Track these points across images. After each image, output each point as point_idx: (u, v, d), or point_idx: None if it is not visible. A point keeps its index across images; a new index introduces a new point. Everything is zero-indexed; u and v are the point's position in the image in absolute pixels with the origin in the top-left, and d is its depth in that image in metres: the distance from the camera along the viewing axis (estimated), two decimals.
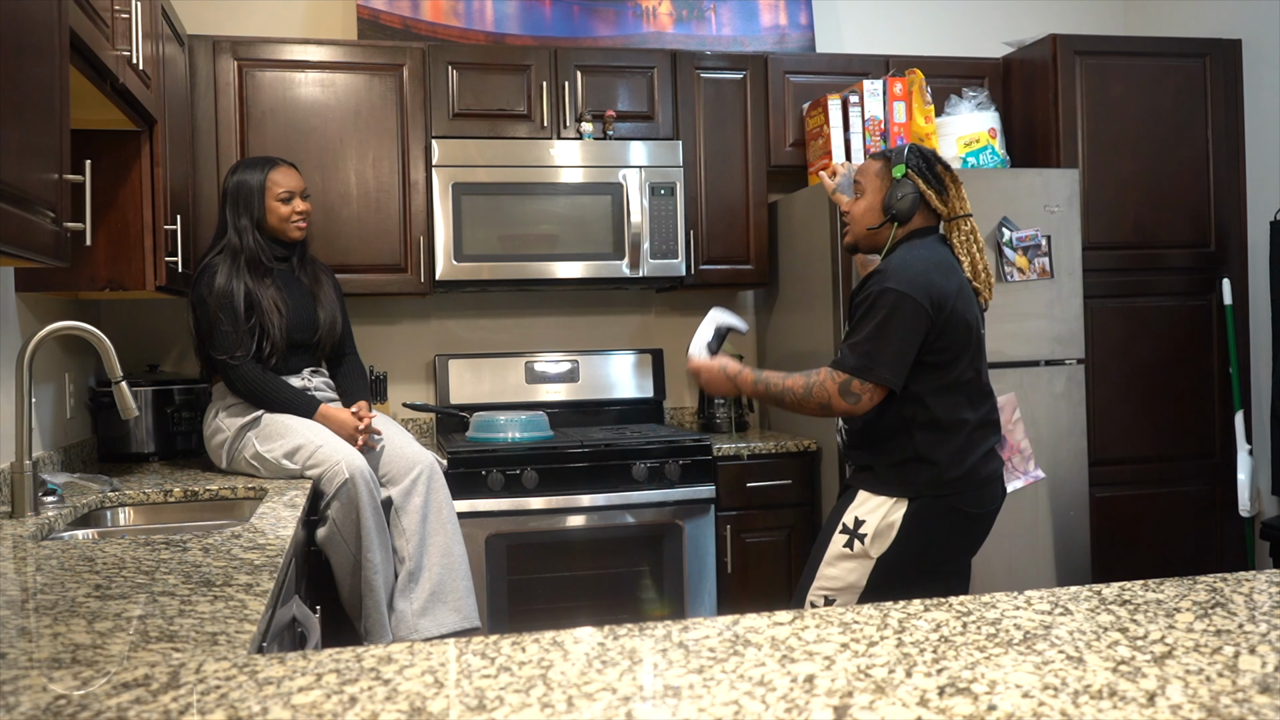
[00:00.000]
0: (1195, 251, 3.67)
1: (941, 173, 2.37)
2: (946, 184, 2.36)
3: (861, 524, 2.27)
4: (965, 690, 0.92)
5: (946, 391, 2.26)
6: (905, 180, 2.34)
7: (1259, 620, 1.12)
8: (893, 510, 2.25)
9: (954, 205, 2.37)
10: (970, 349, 2.29)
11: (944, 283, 2.24)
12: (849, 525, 2.29)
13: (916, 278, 2.22)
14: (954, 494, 2.25)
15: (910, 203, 2.34)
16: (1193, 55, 3.68)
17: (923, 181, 2.34)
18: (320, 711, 0.89)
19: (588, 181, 3.41)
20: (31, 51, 1.58)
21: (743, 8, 3.85)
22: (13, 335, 2.48)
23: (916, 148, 2.39)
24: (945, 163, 2.39)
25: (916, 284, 2.21)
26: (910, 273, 2.23)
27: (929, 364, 2.25)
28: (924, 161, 2.36)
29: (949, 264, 2.31)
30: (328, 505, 2.64)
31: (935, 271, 2.26)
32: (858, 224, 2.43)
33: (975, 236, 2.37)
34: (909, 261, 2.27)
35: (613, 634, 1.11)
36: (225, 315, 2.75)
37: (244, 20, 3.59)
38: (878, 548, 2.25)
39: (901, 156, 2.36)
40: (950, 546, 2.31)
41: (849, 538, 2.28)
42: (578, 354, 3.75)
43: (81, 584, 1.50)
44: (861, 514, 2.28)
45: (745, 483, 3.31)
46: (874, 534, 2.25)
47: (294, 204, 2.90)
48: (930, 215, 2.38)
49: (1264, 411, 3.62)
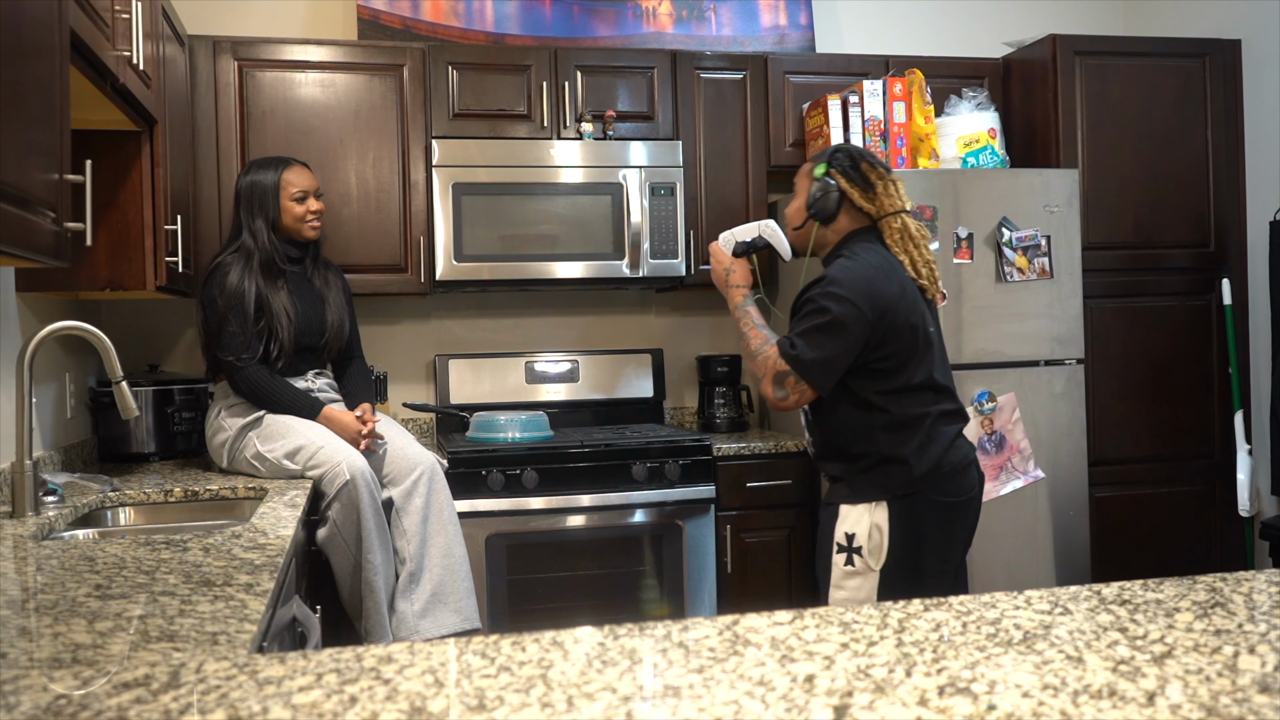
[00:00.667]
0: (1195, 251, 3.67)
1: (867, 170, 2.33)
2: (873, 181, 2.32)
3: (853, 538, 2.26)
4: (965, 690, 0.92)
5: (900, 393, 2.25)
6: (826, 179, 2.32)
7: (1259, 620, 1.12)
8: (875, 515, 2.24)
9: (883, 203, 2.33)
10: (918, 351, 2.26)
11: (884, 288, 2.22)
12: (843, 543, 2.28)
13: (858, 283, 2.21)
14: (929, 487, 2.25)
15: (831, 202, 2.31)
16: (1192, 55, 3.68)
17: (845, 180, 2.31)
18: (320, 711, 0.89)
19: (588, 181, 3.41)
20: (31, 51, 1.58)
21: (743, 8, 3.85)
22: (13, 335, 2.48)
23: (845, 147, 2.37)
24: (874, 160, 2.35)
25: (858, 290, 2.19)
26: (853, 279, 2.22)
27: (878, 370, 2.24)
28: (849, 160, 2.33)
29: (890, 268, 2.27)
30: (328, 506, 2.64)
31: (878, 277, 2.23)
32: (787, 225, 2.43)
33: (908, 233, 2.32)
34: (852, 268, 2.25)
35: (613, 634, 1.11)
36: (234, 316, 2.75)
37: (244, 20, 3.59)
38: (876, 559, 2.24)
39: (824, 156, 2.35)
40: (943, 541, 2.30)
41: (847, 555, 2.27)
42: (578, 354, 3.75)
43: (82, 584, 1.50)
44: (849, 528, 2.27)
45: (745, 482, 3.31)
46: (868, 545, 2.24)
47: (308, 203, 2.91)
48: (860, 215, 2.34)
49: (1264, 411, 3.62)
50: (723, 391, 3.76)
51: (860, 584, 2.26)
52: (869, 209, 2.33)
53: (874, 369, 2.24)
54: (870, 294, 2.20)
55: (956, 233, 3.23)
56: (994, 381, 3.24)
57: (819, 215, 2.34)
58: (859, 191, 2.32)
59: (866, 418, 2.26)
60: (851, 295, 2.19)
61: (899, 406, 2.25)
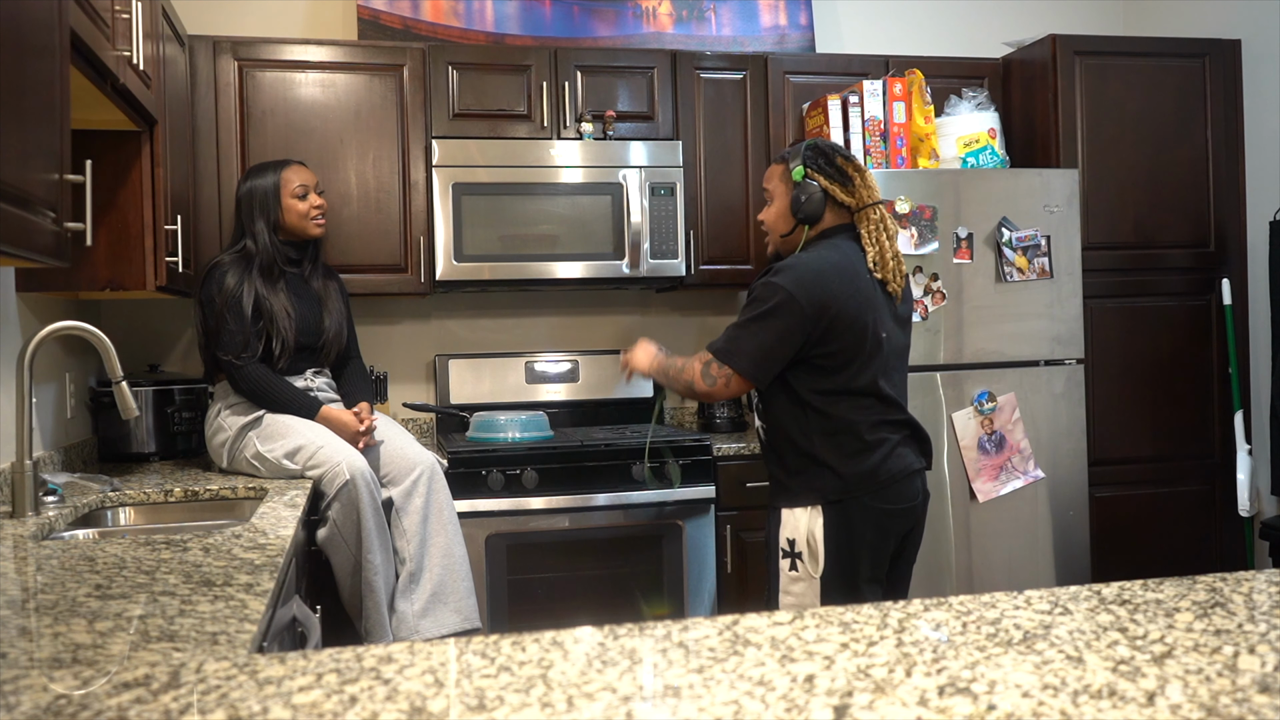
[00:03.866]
0: (1195, 251, 3.67)
1: (843, 164, 2.32)
2: (850, 174, 2.31)
3: (794, 543, 2.25)
4: (965, 690, 0.92)
5: (837, 395, 2.23)
6: (807, 181, 2.30)
7: (1258, 620, 1.12)
8: (812, 520, 2.23)
9: (861, 195, 2.31)
10: (864, 353, 2.23)
11: (834, 286, 2.20)
12: (785, 548, 2.27)
13: (803, 277, 2.20)
14: (864, 493, 2.22)
15: (817, 203, 2.30)
16: (1192, 55, 3.68)
17: (824, 178, 2.30)
18: (320, 711, 0.89)
19: (588, 181, 3.41)
20: (32, 51, 1.58)
21: (743, 8, 3.85)
22: (13, 335, 2.48)
23: (814, 143, 2.35)
24: (846, 153, 2.35)
25: (801, 284, 2.18)
26: (798, 272, 2.21)
27: (817, 366, 2.22)
28: (823, 157, 2.32)
29: (848, 264, 2.25)
30: (328, 506, 2.64)
31: (830, 273, 2.21)
32: (773, 231, 2.41)
33: (884, 224, 2.31)
34: (803, 260, 2.24)
35: (613, 634, 1.11)
36: (232, 316, 2.75)
37: (244, 20, 3.59)
38: (815, 566, 2.22)
39: (799, 156, 2.32)
40: (883, 548, 2.27)
41: (791, 560, 2.26)
42: (578, 354, 3.75)
43: (82, 584, 1.50)
44: (789, 533, 2.26)
45: (745, 482, 3.31)
46: (807, 551, 2.22)
47: (310, 199, 2.91)
48: (841, 210, 2.33)
49: (1264, 411, 3.62)
50: None
51: (804, 589, 2.25)
52: (849, 203, 2.32)
53: (815, 364, 2.22)
54: (812, 287, 2.18)
55: (956, 233, 3.23)
56: (994, 381, 3.24)
57: (808, 219, 2.32)
58: (839, 187, 2.31)
59: (803, 418, 2.24)
60: (790, 286, 2.18)
61: (836, 409, 2.22)
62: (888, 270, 2.29)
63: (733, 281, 3.65)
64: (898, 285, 2.32)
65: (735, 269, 3.62)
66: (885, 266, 2.29)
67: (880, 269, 2.29)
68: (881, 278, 2.29)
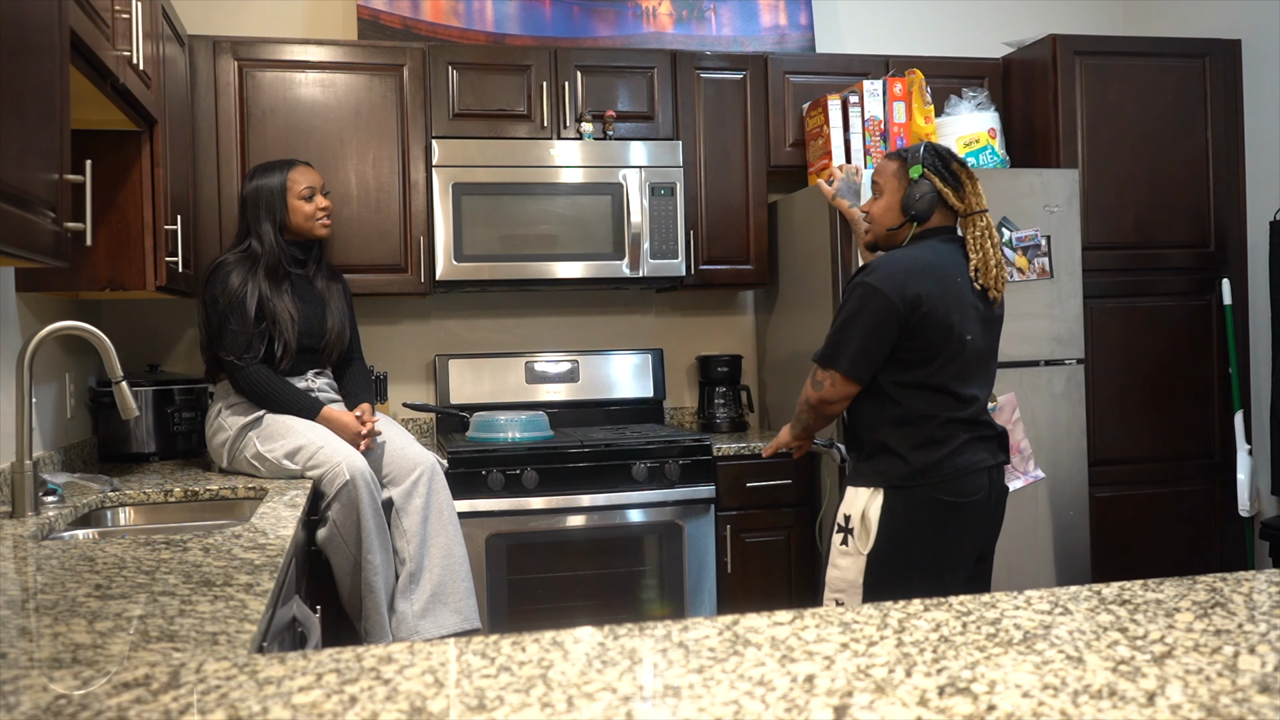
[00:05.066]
0: (1195, 251, 3.67)
1: (958, 170, 2.39)
2: (963, 180, 2.38)
3: (849, 519, 2.32)
4: (965, 690, 0.92)
5: (915, 388, 2.29)
6: (923, 180, 2.36)
7: (1259, 620, 1.12)
8: (870, 502, 2.29)
9: (970, 201, 2.38)
10: (947, 353, 2.29)
11: (924, 283, 2.26)
12: (841, 522, 2.34)
13: (894, 275, 2.26)
14: (926, 484, 2.28)
15: (928, 202, 2.36)
16: (1192, 55, 3.68)
17: (939, 180, 2.36)
18: (320, 711, 0.89)
19: (588, 181, 3.41)
20: (32, 51, 1.58)
21: (743, 8, 3.85)
22: (13, 335, 2.48)
23: (932, 146, 2.41)
24: (961, 160, 2.41)
25: (893, 282, 2.25)
26: (889, 270, 2.28)
27: (899, 359, 2.29)
28: (940, 160, 2.38)
29: (940, 265, 2.32)
30: (328, 506, 2.64)
31: (921, 271, 2.28)
32: (878, 224, 2.46)
33: (990, 233, 2.38)
34: (895, 258, 2.32)
35: (613, 634, 1.11)
36: (235, 316, 2.76)
37: (244, 20, 3.59)
38: (865, 543, 2.28)
39: (918, 156, 2.38)
40: (939, 539, 2.30)
41: (844, 534, 2.33)
42: (578, 354, 3.75)
43: (82, 584, 1.50)
44: (848, 509, 2.33)
45: (745, 482, 3.31)
46: (860, 528, 2.29)
47: (316, 200, 2.91)
48: (947, 213, 2.40)
49: (1264, 411, 3.62)
50: (723, 391, 3.76)
51: (850, 564, 2.31)
52: (958, 207, 2.38)
53: (897, 357, 2.28)
54: (903, 284, 2.25)
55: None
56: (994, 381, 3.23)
57: (919, 217, 2.38)
58: (951, 191, 2.37)
59: (878, 406, 2.31)
60: (881, 284, 2.25)
61: (911, 401, 2.29)
62: (990, 277, 2.36)
63: (733, 281, 3.65)
64: (999, 292, 2.39)
65: (735, 269, 3.62)
66: (989, 274, 2.36)
67: (983, 276, 2.36)
68: (983, 285, 2.36)
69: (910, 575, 2.25)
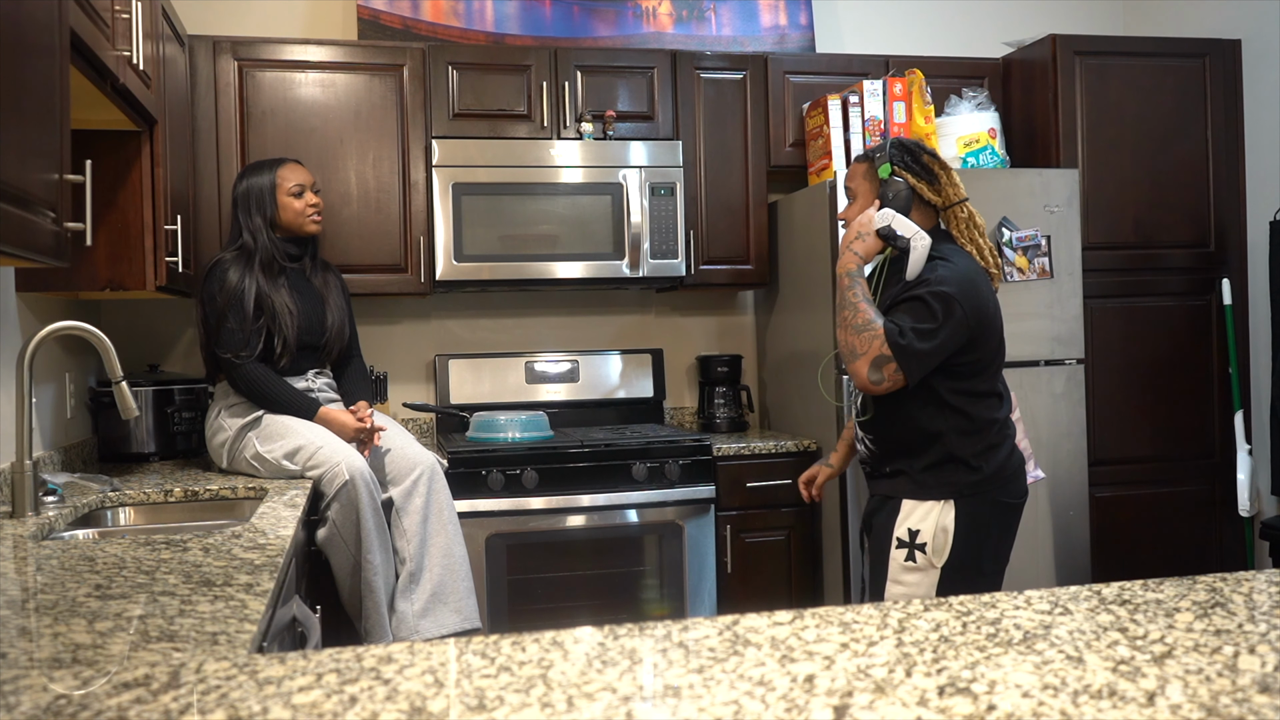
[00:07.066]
0: (1195, 251, 3.67)
1: (929, 162, 2.31)
2: (936, 172, 2.31)
3: (917, 534, 2.24)
4: (965, 690, 0.92)
5: (976, 396, 2.26)
6: (894, 178, 2.29)
7: (1259, 620, 1.12)
8: (943, 514, 2.23)
9: (947, 193, 2.31)
10: (999, 358, 2.30)
11: (984, 293, 2.24)
12: (904, 539, 2.25)
13: (965, 288, 2.20)
14: (994, 488, 2.25)
15: (904, 200, 2.28)
16: (1192, 55, 3.68)
17: (911, 175, 2.29)
18: (320, 711, 0.89)
19: (588, 181, 3.41)
20: (32, 51, 1.58)
21: (743, 8, 3.85)
22: (13, 335, 2.48)
23: (898, 141, 2.34)
24: (931, 150, 2.34)
25: (965, 294, 2.19)
26: (960, 283, 2.20)
27: (960, 371, 2.24)
28: (908, 154, 2.31)
29: (980, 271, 2.29)
30: (328, 506, 2.64)
31: (979, 280, 2.25)
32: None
33: (974, 220, 2.32)
34: (959, 269, 2.23)
35: (613, 634, 1.11)
36: (233, 313, 2.76)
37: (244, 20, 3.59)
38: (940, 556, 2.22)
39: (885, 154, 2.30)
40: (1004, 542, 2.31)
41: (908, 550, 2.25)
42: (578, 354, 3.75)
43: (82, 584, 1.50)
44: (913, 524, 2.25)
45: (745, 482, 3.32)
46: (933, 543, 2.22)
47: (306, 197, 2.91)
48: (927, 209, 2.32)
49: (1264, 411, 3.62)
50: (723, 391, 3.76)
51: (919, 580, 2.24)
52: (935, 201, 2.31)
53: (953, 369, 2.23)
54: (973, 296, 2.20)
55: None
56: None
57: None
58: (925, 185, 2.30)
59: (940, 416, 2.24)
60: (959, 296, 2.18)
61: (974, 409, 2.25)
62: (991, 267, 2.33)
63: (733, 281, 3.65)
64: (999, 277, 2.36)
65: (735, 269, 3.62)
66: (989, 263, 2.32)
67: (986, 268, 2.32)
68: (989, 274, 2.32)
69: (978, 581, 2.23)
